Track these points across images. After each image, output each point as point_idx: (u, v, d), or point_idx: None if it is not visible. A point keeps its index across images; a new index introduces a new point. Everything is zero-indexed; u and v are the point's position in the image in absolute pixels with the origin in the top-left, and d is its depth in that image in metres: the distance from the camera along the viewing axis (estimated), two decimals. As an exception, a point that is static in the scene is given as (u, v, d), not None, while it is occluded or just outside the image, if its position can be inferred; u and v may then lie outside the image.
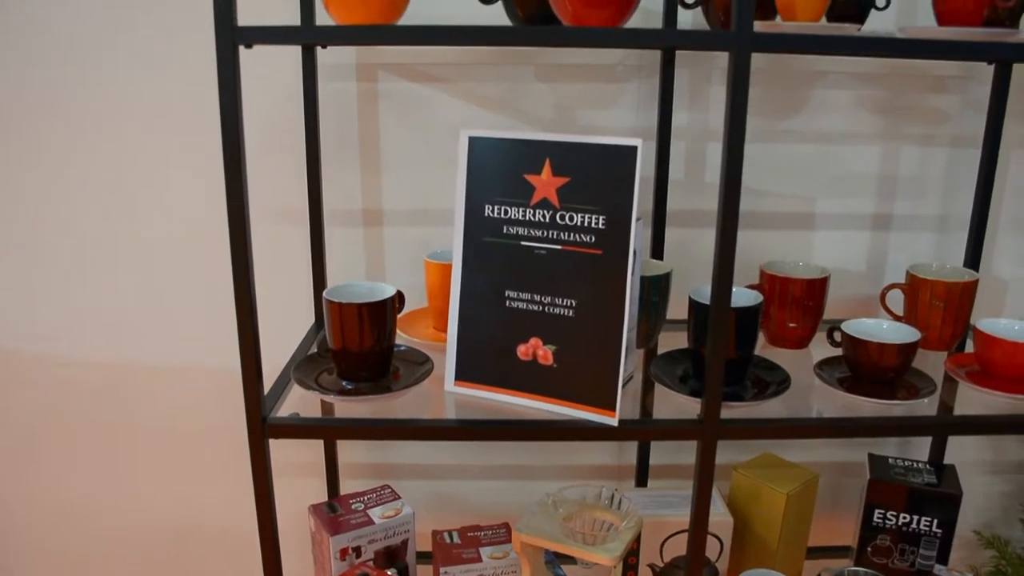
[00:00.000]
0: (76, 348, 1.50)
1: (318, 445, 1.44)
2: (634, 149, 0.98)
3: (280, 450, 1.47)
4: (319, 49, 1.29)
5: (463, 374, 1.11)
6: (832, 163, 1.44)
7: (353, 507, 1.34)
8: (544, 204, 1.04)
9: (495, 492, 1.56)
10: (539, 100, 1.37)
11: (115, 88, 1.37)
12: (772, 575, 1.28)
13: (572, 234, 1.03)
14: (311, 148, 1.30)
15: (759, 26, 1.02)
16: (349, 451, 1.52)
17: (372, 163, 1.39)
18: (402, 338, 1.24)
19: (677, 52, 1.29)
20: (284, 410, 1.10)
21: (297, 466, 1.52)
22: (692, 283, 1.17)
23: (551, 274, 1.04)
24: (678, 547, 1.31)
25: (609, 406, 1.03)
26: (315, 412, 1.11)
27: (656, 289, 1.22)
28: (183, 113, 1.37)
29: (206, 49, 0.93)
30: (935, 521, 1.36)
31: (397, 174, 1.40)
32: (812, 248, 1.47)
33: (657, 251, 1.38)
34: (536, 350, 1.07)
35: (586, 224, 1.02)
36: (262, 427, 1.05)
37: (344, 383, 1.12)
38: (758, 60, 1.35)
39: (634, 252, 1.09)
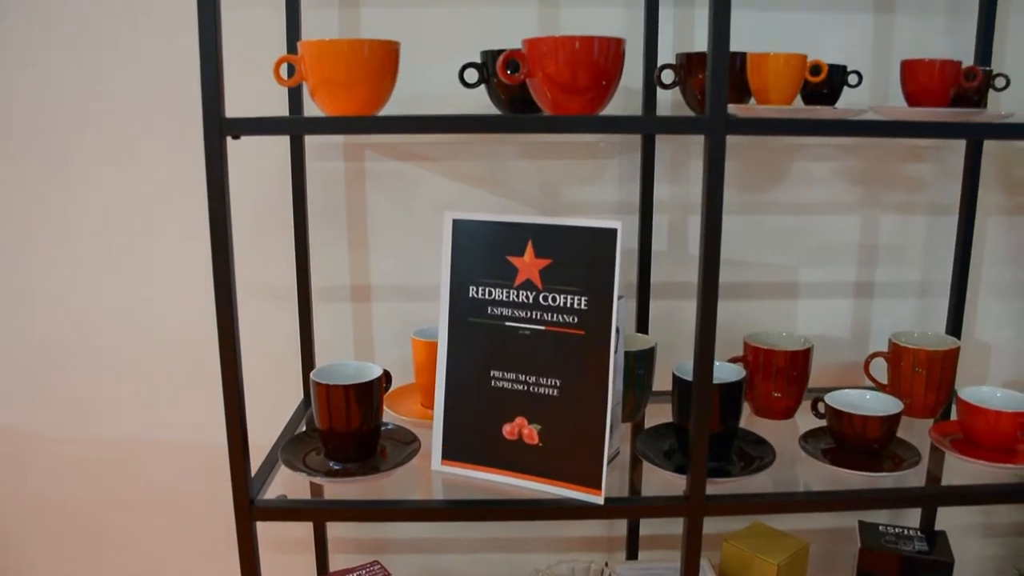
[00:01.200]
0: (65, 424, 1.50)
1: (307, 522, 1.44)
2: (614, 231, 1.00)
3: (269, 526, 1.48)
4: (307, 133, 1.32)
5: (450, 453, 1.12)
6: (813, 233, 1.46)
7: (343, 585, 1.34)
8: (527, 285, 1.06)
9: (487, 565, 1.56)
10: (524, 177, 1.40)
11: (98, 165, 1.39)
12: (765, 649, 1.27)
13: (555, 315, 1.04)
14: (299, 226, 1.32)
15: (734, 109, 1.05)
16: (339, 526, 1.51)
17: (360, 240, 1.42)
18: (390, 415, 1.25)
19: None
20: (273, 490, 1.10)
21: (286, 542, 1.52)
22: (678, 354, 1.18)
23: (535, 354, 1.06)
24: (672, 621, 1.30)
25: (595, 484, 1.03)
26: (303, 491, 1.11)
27: (641, 363, 1.23)
28: (172, 193, 1.40)
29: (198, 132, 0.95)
30: (927, 589, 1.36)
31: (384, 250, 1.42)
32: (796, 317, 1.49)
33: (642, 324, 1.39)
34: (521, 429, 1.07)
35: (569, 305, 1.03)
36: (249, 510, 1.05)
37: (332, 463, 1.13)
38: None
39: (617, 330, 1.10)
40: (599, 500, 1.03)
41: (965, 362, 1.48)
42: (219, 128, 0.94)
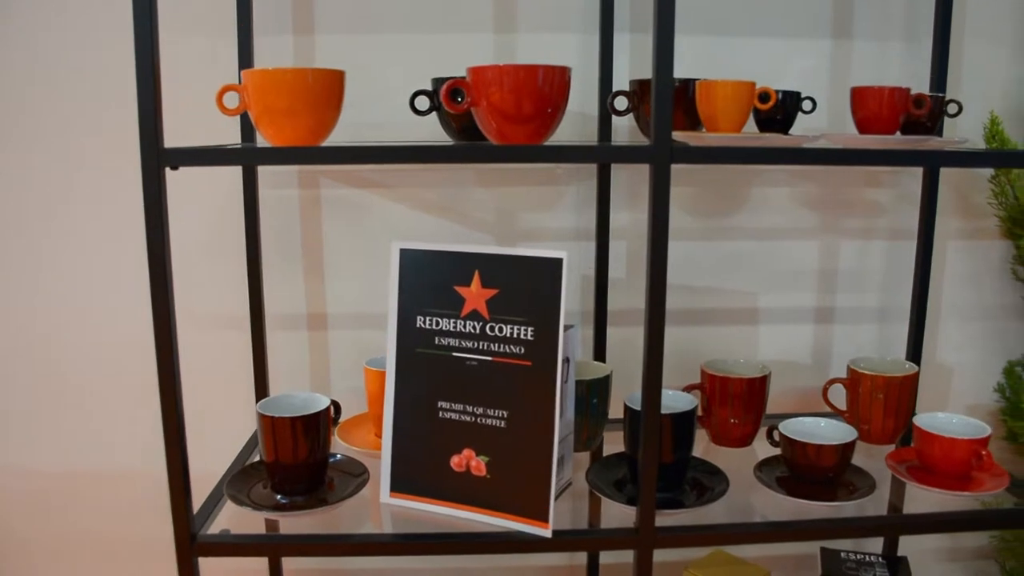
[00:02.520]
0: (8, 454, 1.47)
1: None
2: (559, 261, 0.99)
3: (223, 559, 1.45)
4: (260, 160, 1.30)
5: (398, 485, 1.10)
6: (773, 258, 1.46)
7: (298, 618, 1.32)
8: (474, 316, 1.04)
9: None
10: (480, 204, 1.39)
11: (41, 190, 1.38)
12: None
13: (502, 345, 1.03)
14: (251, 254, 1.31)
15: (682, 137, 1.05)
16: (296, 558, 1.49)
17: (315, 267, 1.40)
18: (341, 446, 1.23)
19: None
20: (221, 523, 1.08)
21: (244, 573, 1.49)
22: (635, 382, 1.16)
23: (482, 385, 1.04)
24: (630, 652, 1.28)
25: (542, 518, 1.02)
26: (252, 524, 1.09)
27: (595, 392, 1.22)
28: (116, 220, 1.38)
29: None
30: (889, 618, 1.35)
31: (340, 278, 1.41)
32: (757, 343, 1.49)
33: (599, 352, 1.38)
34: (469, 461, 1.06)
35: (515, 335, 1.02)
36: (191, 545, 1.03)
37: (279, 497, 1.11)
38: (696, 160, 1.40)
39: (566, 360, 1.09)
40: (547, 533, 1.02)
41: (926, 386, 1.48)
42: (157, 159, 0.93)
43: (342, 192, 1.38)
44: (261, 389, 1.35)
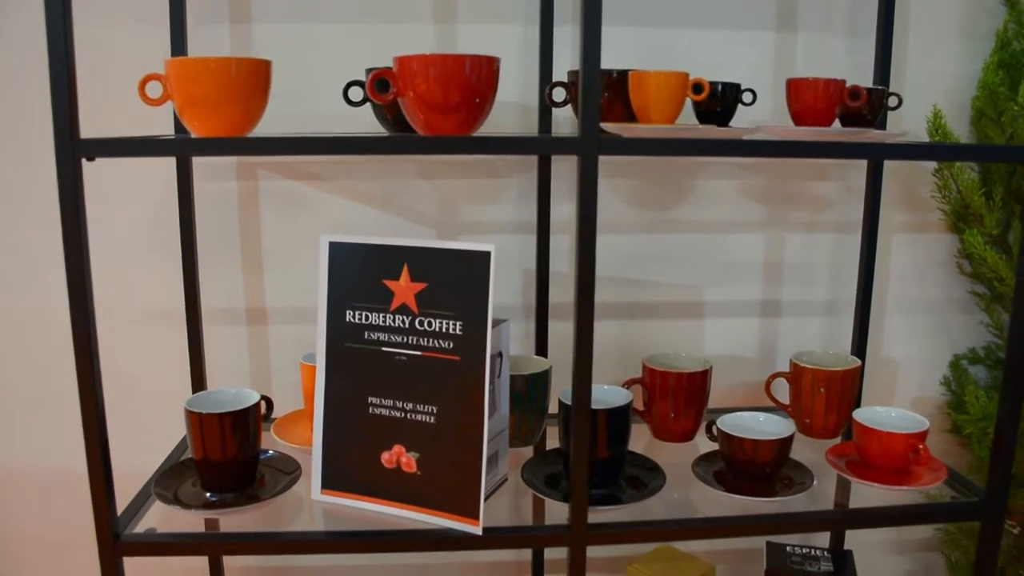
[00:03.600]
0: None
1: (202, 551, 1.39)
2: (487, 254, 0.98)
3: (165, 559, 1.43)
4: (194, 152, 1.28)
5: (329, 482, 1.09)
6: (718, 251, 1.45)
7: (236, 617, 1.30)
8: (403, 310, 1.03)
9: (391, 593, 1.52)
10: (421, 197, 1.37)
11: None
12: (665, 676, 1.25)
13: (431, 340, 1.01)
14: (187, 247, 1.28)
15: (613, 128, 1.03)
16: (238, 556, 1.47)
17: (254, 261, 1.38)
18: (278, 443, 1.21)
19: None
20: (151, 522, 1.06)
21: (183, 571, 1.46)
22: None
23: (412, 380, 1.03)
24: (573, 648, 1.27)
25: (472, 515, 1.00)
26: (186, 523, 1.06)
27: (534, 387, 1.21)
28: (36, 210, 1.34)
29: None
30: (832, 611, 1.35)
31: (279, 272, 1.39)
32: (703, 337, 1.48)
33: (541, 347, 1.37)
34: (400, 457, 1.04)
35: (444, 330, 1.01)
36: (114, 544, 1.00)
37: (208, 495, 1.09)
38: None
39: (499, 355, 1.08)
40: (477, 530, 1.00)
41: (873, 381, 1.48)
42: (72, 150, 0.91)
43: (280, 184, 1.36)
44: (198, 385, 1.32)
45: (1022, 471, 1.46)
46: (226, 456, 1.07)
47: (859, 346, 1.43)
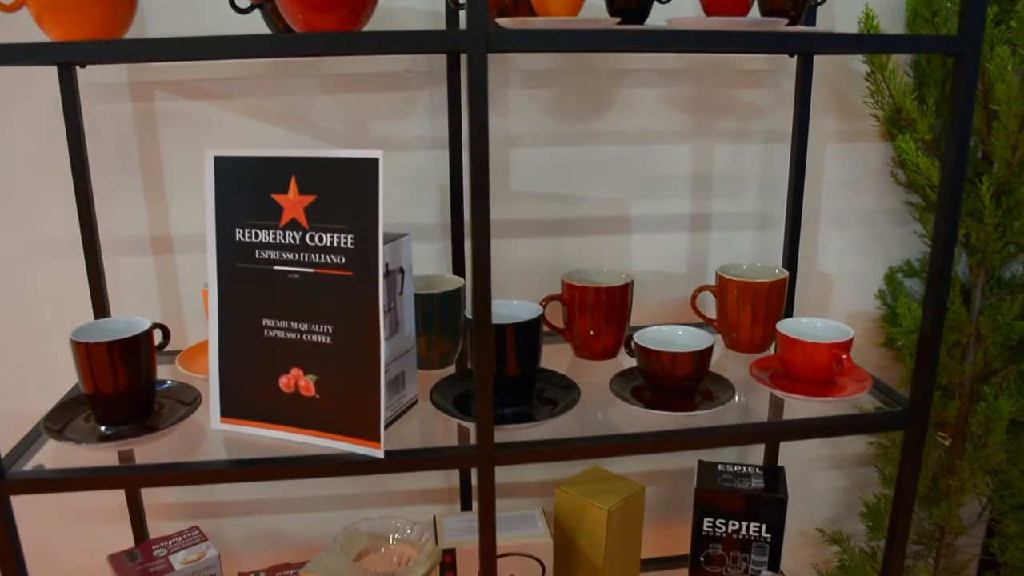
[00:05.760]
0: None
1: (119, 490, 1.34)
2: (375, 161, 0.92)
3: (82, 496, 1.39)
4: (79, 68, 1.19)
5: (229, 410, 1.04)
6: (644, 164, 1.40)
7: (155, 553, 1.26)
8: (293, 225, 0.97)
9: (318, 524, 1.49)
10: (328, 112, 1.30)
11: None
12: (592, 596, 1.23)
13: (323, 256, 0.96)
14: (78, 174, 1.20)
15: (509, 23, 0.97)
16: (161, 491, 1.43)
17: (156, 187, 1.31)
18: (183, 374, 1.16)
19: (463, 56, 1.24)
20: (54, 462, 1.01)
21: (102, 511, 1.42)
22: (495, 296, 1.10)
23: (306, 300, 0.98)
24: (502, 572, 1.25)
25: (373, 437, 0.96)
26: (88, 460, 1.01)
27: (446, 306, 1.16)
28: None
29: None
30: (763, 526, 1.33)
31: (184, 198, 1.32)
32: (631, 253, 1.43)
33: (458, 266, 1.32)
34: (297, 381, 1.00)
35: (336, 244, 0.95)
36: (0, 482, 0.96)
37: (103, 428, 1.04)
38: (556, 60, 1.32)
39: (399, 270, 1.03)
40: (379, 453, 0.96)
41: (806, 295, 1.45)
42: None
43: (179, 105, 1.28)
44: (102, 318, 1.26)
45: (954, 383, 1.44)
46: (118, 387, 1.02)
47: (790, 260, 1.39)
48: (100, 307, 1.26)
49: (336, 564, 1.11)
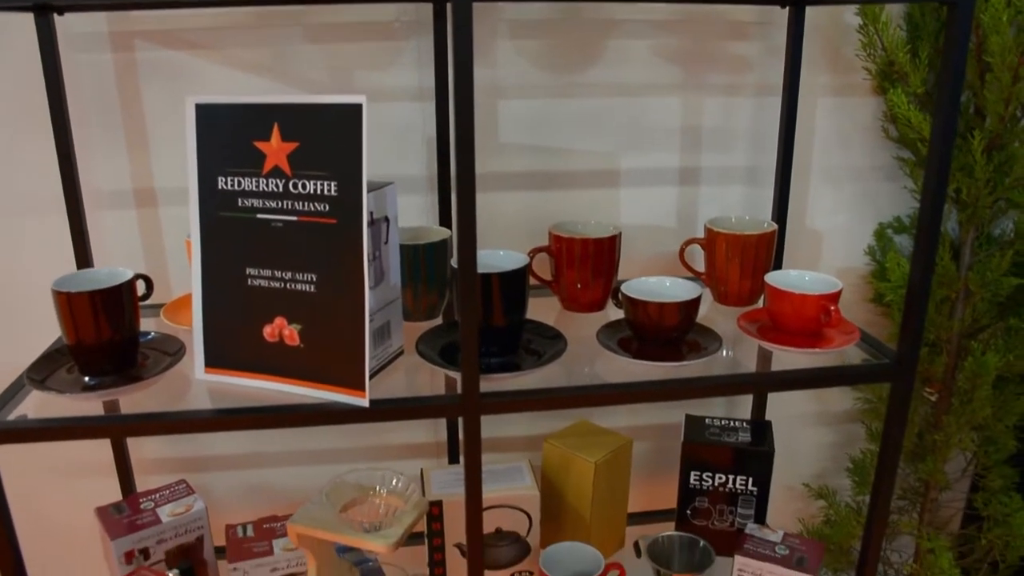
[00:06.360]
0: None
1: (106, 443, 1.34)
2: (358, 107, 0.90)
3: (69, 450, 1.38)
4: (57, 17, 1.17)
5: (213, 360, 1.03)
6: (634, 116, 1.38)
7: (142, 506, 1.27)
8: (276, 172, 0.96)
9: (306, 478, 1.49)
10: (312, 63, 1.28)
11: None
12: (578, 547, 1.24)
13: (306, 203, 0.95)
14: (58, 126, 1.18)
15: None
16: (148, 446, 1.42)
17: (139, 139, 1.29)
18: (168, 326, 1.15)
19: (448, 4, 1.21)
20: (26, 410, 1.01)
21: (89, 465, 1.42)
22: (483, 248, 1.09)
23: (289, 247, 0.96)
24: (489, 524, 1.26)
25: (358, 386, 0.96)
26: (72, 411, 1.00)
27: (432, 257, 1.15)
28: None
29: None
30: (750, 480, 1.34)
31: (167, 150, 1.30)
32: (619, 206, 1.42)
33: (445, 217, 1.31)
34: (282, 330, 0.99)
35: (319, 192, 0.94)
36: (-22, 433, 0.95)
37: (87, 379, 1.03)
38: (546, 10, 1.30)
39: (385, 219, 1.02)
40: (364, 402, 0.96)
41: (796, 251, 1.44)
42: None
43: (161, 55, 1.26)
44: (85, 271, 1.25)
45: (941, 338, 1.45)
46: (101, 337, 1.01)
47: (780, 215, 1.38)
48: (84, 261, 1.25)
49: (322, 515, 1.11)
